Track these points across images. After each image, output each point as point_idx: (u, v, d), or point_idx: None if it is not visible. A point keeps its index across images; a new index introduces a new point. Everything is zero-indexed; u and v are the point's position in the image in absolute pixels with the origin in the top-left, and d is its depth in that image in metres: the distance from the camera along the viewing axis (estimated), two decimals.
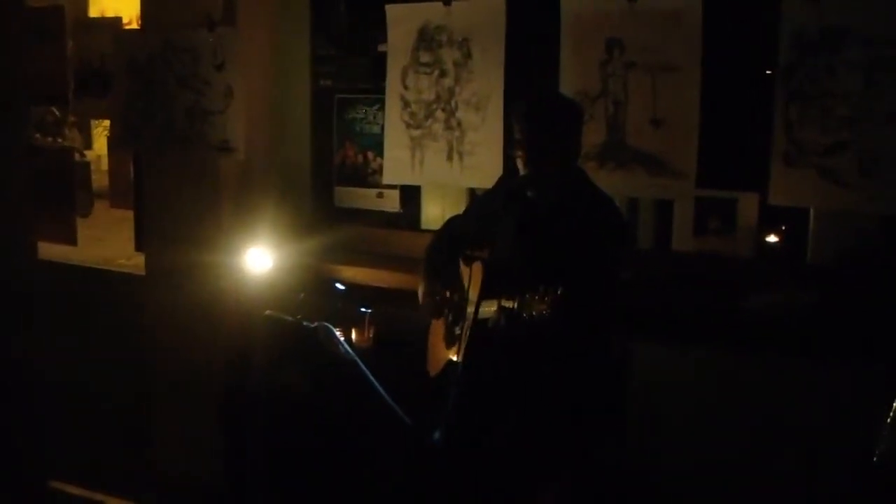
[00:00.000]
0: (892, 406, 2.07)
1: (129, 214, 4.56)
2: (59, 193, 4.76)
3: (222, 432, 4.09)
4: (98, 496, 4.41)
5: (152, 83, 4.18)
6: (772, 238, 3.63)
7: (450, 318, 3.30)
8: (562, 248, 2.94)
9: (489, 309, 2.99)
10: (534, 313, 2.76)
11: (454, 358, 3.22)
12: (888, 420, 2.06)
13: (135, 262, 4.52)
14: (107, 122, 4.66)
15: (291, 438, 3.75)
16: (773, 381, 3.29)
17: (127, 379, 4.39)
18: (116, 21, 4.57)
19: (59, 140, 4.85)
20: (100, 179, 4.93)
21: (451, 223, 3.48)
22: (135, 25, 4.53)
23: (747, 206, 3.58)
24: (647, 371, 3.32)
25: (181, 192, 4.15)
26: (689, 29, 3.42)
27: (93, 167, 4.97)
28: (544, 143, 3.01)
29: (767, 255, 3.61)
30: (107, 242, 4.90)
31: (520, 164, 3.07)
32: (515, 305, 2.82)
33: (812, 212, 3.48)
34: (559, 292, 2.72)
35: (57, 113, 4.82)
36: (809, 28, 3.23)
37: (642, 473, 3.34)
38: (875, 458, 2.07)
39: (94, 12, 4.82)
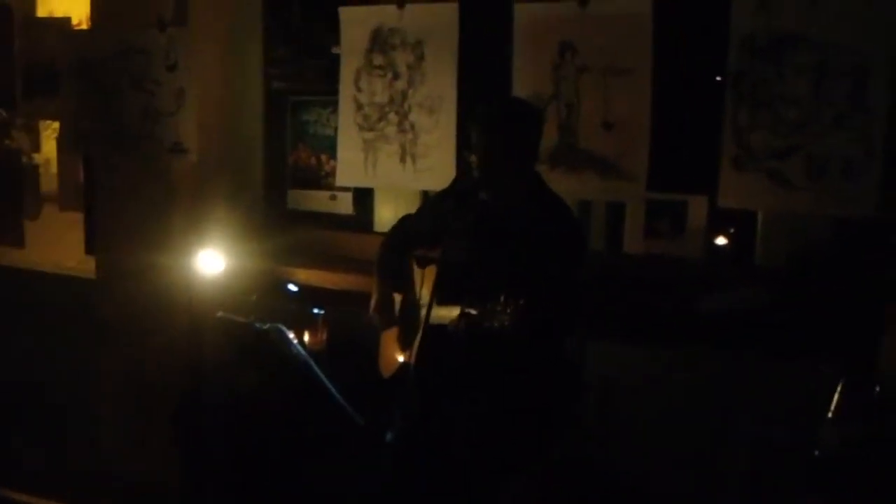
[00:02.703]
0: (833, 402, 2.13)
1: (79, 217, 4.53)
2: (6, 196, 4.71)
3: (176, 435, 4.04)
4: (47, 503, 4.34)
5: (103, 84, 4.16)
6: (721, 240, 3.62)
7: (403, 320, 3.28)
8: (518, 252, 2.94)
9: (443, 313, 2.97)
10: (495, 324, 2.73)
11: (407, 360, 3.21)
12: (829, 415, 2.12)
13: (85, 266, 4.47)
14: (56, 125, 4.61)
15: (245, 440, 3.76)
16: (722, 380, 3.31)
17: (77, 382, 4.37)
18: (65, 21, 4.51)
19: (7, 142, 4.78)
20: (48, 183, 4.83)
21: (404, 222, 3.46)
22: (84, 26, 4.48)
23: (697, 208, 3.58)
24: (601, 371, 3.33)
25: (132, 194, 4.12)
26: (639, 33, 3.43)
27: (41, 170, 4.87)
28: (500, 148, 2.98)
29: (717, 257, 3.61)
30: (56, 245, 4.78)
31: (475, 167, 3.05)
32: (476, 314, 2.80)
33: (760, 214, 3.50)
34: (521, 303, 2.70)
35: (4, 114, 4.75)
36: (758, 34, 3.25)
37: (597, 472, 3.37)
38: (817, 452, 2.13)
39: (42, 12, 4.69)
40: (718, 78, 3.37)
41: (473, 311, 2.79)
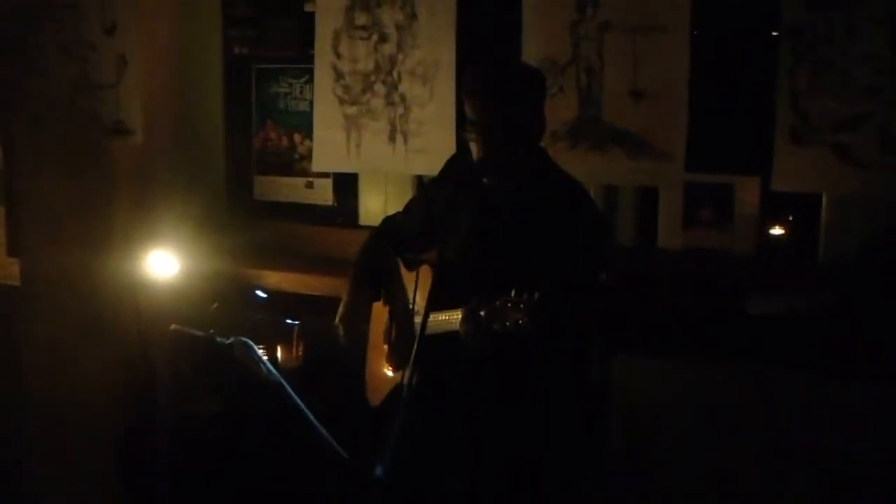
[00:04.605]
0: None
1: (0, 212, 4.26)
2: None
3: (119, 471, 3.92)
4: None
5: (25, 50, 3.98)
6: (776, 231, 3.51)
7: (393, 334, 3.06)
8: (528, 245, 2.72)
9: (441, 319, 2.73)
10: (507, 324, 2.48)
11: (399, 381, 2.99)
12: None
13: (7, 270, 4.20)
14: None
15: (204, 476, 3.58)
16: (778, 399, 3.14)
17: None
18: None
19: None
20: None
21: (388, 224, 3.26)
22: None
23: (746, 192, 3.44)
24: (631, 390, 3.21)
25: (65, 184, 3.94)
26: None
27: None
28: (501, 122, 2.72)
29: (771, 252, 3.48)
30: None
31: (473, 146, 2.77)
32: (484, 314, 2.57)
33: (825, 198, 3.34)
34: (537, 297, 2.44)
35: None
36: None
37: None
38: None
39: None
40: (774, 33, 3.24)
41: (482, 312, 2.56)
